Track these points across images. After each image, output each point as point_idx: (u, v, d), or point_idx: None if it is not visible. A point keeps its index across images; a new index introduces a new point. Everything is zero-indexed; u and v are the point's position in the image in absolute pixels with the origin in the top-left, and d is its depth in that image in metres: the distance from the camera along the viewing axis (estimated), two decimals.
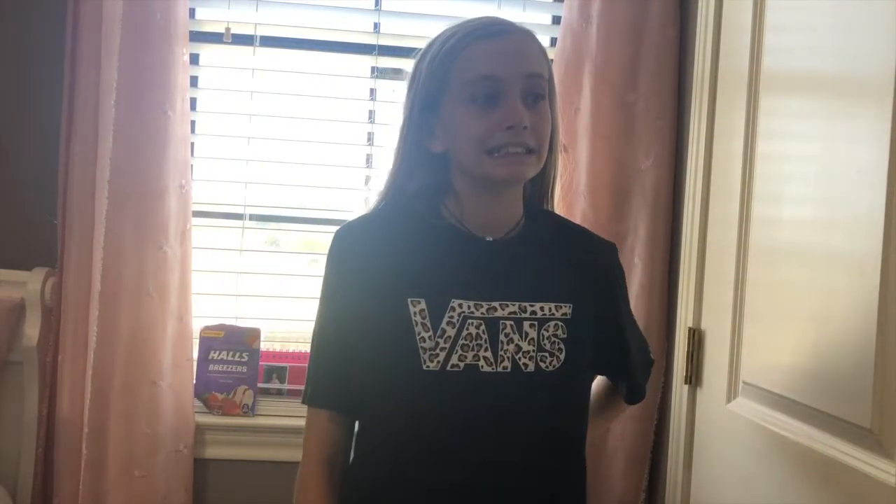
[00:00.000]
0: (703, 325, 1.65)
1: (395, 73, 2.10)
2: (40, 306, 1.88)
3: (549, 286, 1.16)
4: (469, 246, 1.15)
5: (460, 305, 1.11)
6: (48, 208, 1.89)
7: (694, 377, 1.66)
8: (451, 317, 1.10)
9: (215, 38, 2.00)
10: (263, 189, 2.13)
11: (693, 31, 1.79)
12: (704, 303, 1.65)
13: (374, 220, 1.19)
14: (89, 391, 1.84)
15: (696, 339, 1.66)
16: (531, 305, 1.13)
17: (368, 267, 1.14)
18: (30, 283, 1.87)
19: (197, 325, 1.98)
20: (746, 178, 1.49)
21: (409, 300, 1.10)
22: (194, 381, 1.96)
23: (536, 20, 2.13)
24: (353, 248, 1.16)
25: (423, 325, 1.10)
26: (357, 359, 1.13)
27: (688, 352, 1.67)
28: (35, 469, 1.87)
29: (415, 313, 1.10)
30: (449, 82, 1.11)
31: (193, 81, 2.02)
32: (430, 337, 1.09)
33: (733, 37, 1.59)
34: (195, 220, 1.97)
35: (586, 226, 1.91)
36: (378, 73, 2.08)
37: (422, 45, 2.13)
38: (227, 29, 1.97)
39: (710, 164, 1.66)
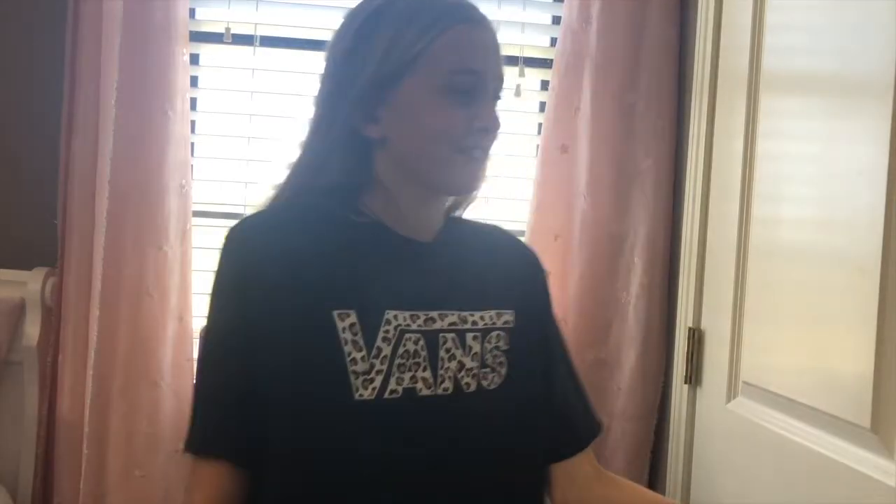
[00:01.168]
0: (703, 325, 1.65)
1: None
2: (40, 306, 1.88)
3: (489, 291, 1.02)
4: (400, 249, 1.00)
5: (395, 317, 0.93)
6: (48, 208, 1.89)
7: (694, 377, 1.66)
8: (387, 331, 0.92)
9: (215, 38, 1.99)
10: (263, 189, 2.13)
11: (693, 31, 1.79)
12: (704, 303, 1.66)
13: (282, 217, 0.99)
14: (89, 391, 1.84)
15: (696, 338, 1.66)
16: (472, 315, 0.98)
17: (279, 272, 0.93)
18: (30, 283, 1.87)
19: (197, 325, 1.98)
20: (746, 178, 1.49)
21: (335, 313, 0.91)
22: (194, 381, 1.95)
23: (536, 20, 2.13)
24: (257, 250, 0.94)
25: (355, 342, 0.90)
26: (263, 391, 0.90)
27: (688, 352, 1.67)
28: (35, 469, 1.87)
29: (343, 329, 0.90)
30: (419, 62, 0.95)
31: (193, 81, 2.02)
32: (363, 358, 0.90)
33: (733, 37, 1.59)
34: (195, 220, 1.97)
35: (587, 225, 1.93)
36: None
37: None
38: (227, 29, 1.97)
39: (710, 164, 1.66)
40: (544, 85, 2.07)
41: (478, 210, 2.07)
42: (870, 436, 1.09)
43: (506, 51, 2.10)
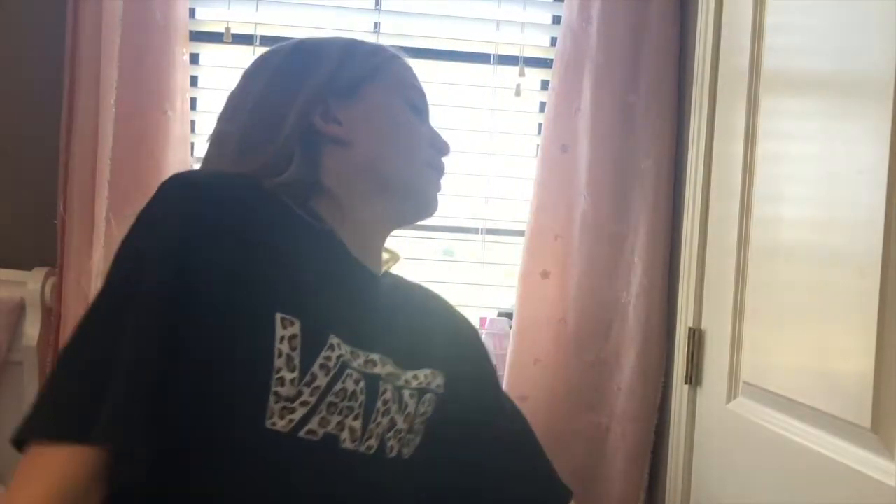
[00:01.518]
0: (704, 326, 1.65)
1: None
2: (40, 306, 1.88)
3: (424, 348, 0.92)
4: (353, 271, 0.89)
5: (339, 346, 0.79)
6: (48, 208, 1.89)
7: (694, 377, 1.66)
8: (328, 358, 0.78)
9: (215, 38, 2.00)
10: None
11: (693, 31, 1.79)
12: (705, 303, 1.66)
13: (237, 183, 0.82)
14: None
15: (697, 339, 1.66)
16: (409, 371, 0.88)
17: (233, 242, 0.76)
18: (30, 283, 1.88)
19: None
20: (746, 179, 1.49)
21: (278, 316, 0.75)
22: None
23: (536, 20, 2.13)
24: (213, 206, 0.77)
25: (289, 359, 0.74)
26: (175, 373, 0.71)
27: (688, 352, 1.67)
28: None
29: (282, 339, 0.75)
30: (380, 74, 0.96)
31: (193, 81, 2.02)
32: (292, 380, 0.75)
33: (733, 36, 1.59)
34: None
35: (587, 226, 1.93)
36: None
37: (422, 44, 2.13)
38: (227, 29, 1.97)
39: (710, 164, 1.66)
40: (544, 85, 2.08)
41: (478, 210, 2.07)
42: (870, 436, 1.09)
43: (506, 50, 2.12)
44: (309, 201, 0.89)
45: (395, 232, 1.08)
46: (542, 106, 2.04)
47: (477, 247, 2.13)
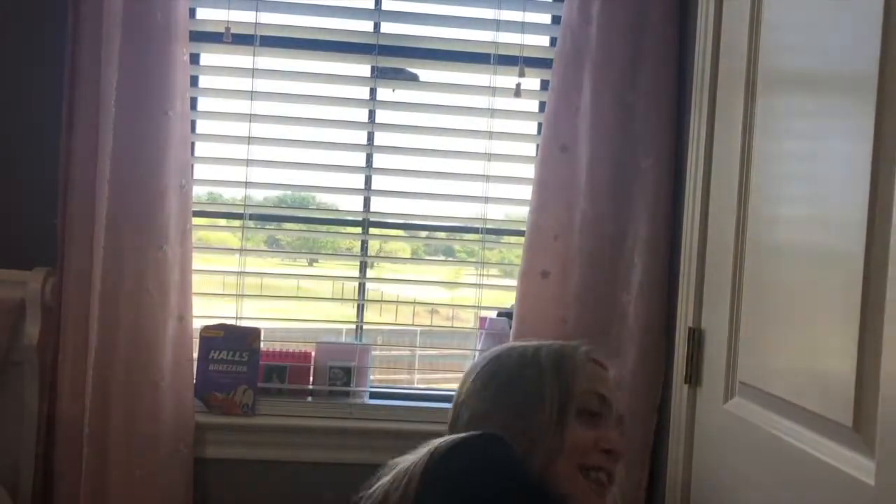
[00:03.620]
0: (704, 325, 1.65)
1: (396, 73, 2.10)
2: (40, 306, 1.88)
3: None
4: None
5: None
6: (48, 208, 1.89)
7: (694, 377, 1.66)
8: None
9: (215, 38, 2.00)
10: (263, 189, 2.14)
11: (693, 31, 1.79)
12: (704, 303, 1.66)
13: None
14: (89, 391, 1.84)
15: (697, 338, 1.66)
16: None
17: None
18: (30, 283, 1.88)
19: (197, 325, 1.98)
20: (743, 178, 1.49)
21: None
22: (194, 381, 1.96)
23: (536, 20, 2.13)
24: None
25: None
26: None
27: (688, 352, 1.67)
28: (35, 469, 1.87)
29: None
30: (572, 387, 1.13)
31: (193, 81, 2.02)
32: None
33: (733, 36, 1.59)
34: (195, 220, 1.97)
35: (587, 226, 1.93)
36: (378, 73, 2.08)
37: (421, 45, 2.13)
38: (227, 29, 1.97)
39: (711, 164, 1.66)
40: (544, 85, 2.08)
41: (478, 210, 2.07)
42: (852, 434, 1.09)
43: (506, 51, 2.12)
44: None
45: (394, 231, 1.10)
46: (542, 106, 2.04)
47: (477, 247, 2.13)
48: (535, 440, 1.08)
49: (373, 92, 2.09)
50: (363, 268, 2.13)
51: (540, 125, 2.04)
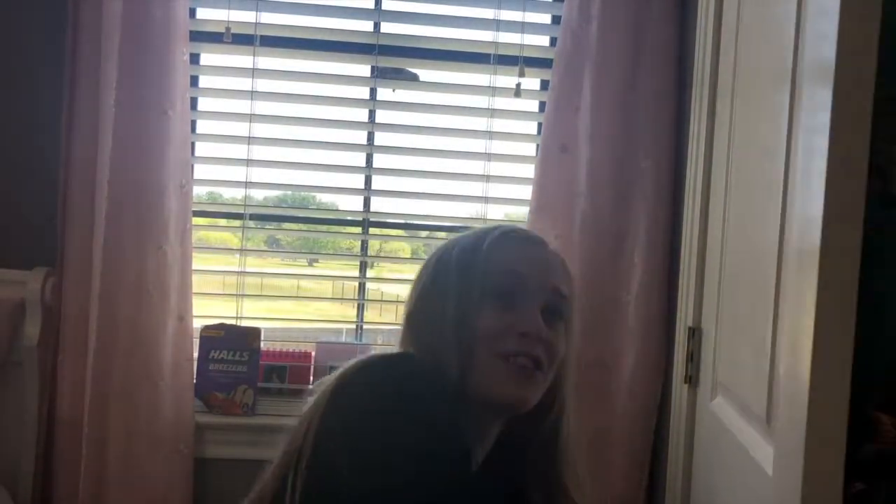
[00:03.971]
0: (703, 325, 1.65)
1: (396, 73, 2.10)
2: (40, 306, 1.88)
3: None
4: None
5: None
6: (48, 208, 1.89)
7: (693, 377, 1.66)
8: None
9: (215, 38, 2.00)
10: (263, 189, 2.14)
11: (693, 31, 1.79)
12: (704, 302, 1.66)
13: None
14: (89, 391, 1.84)
15: (696, 338, 1.66)
16: None
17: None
18: (30, 283, 1.87)
19: (197, 325, 1.98)
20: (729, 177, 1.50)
21: None
22: (194, 381, 1.96)
23: (536, 20, 2.13)
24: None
25: None
26: None
27: (687, 351, 1.67)
28: (35, 469, 1.87)
29: None
30: (473, 278, 1.03)
31: (193, 81, 2.02)
32: None
33: (733, 36, 1.59)
34: (195, 220, 1.97)
35: (587, 225, 1.93)
36: (378, 73, 2.08)
37: (422, 45, 2.13)
38: (228, 29, 1.97)
39: (711, 164, 1.66)
40: (544, 85, 2.08)
41: (478, 210, 2.06)
42: (766, 429, 1.12)
43: (506, 51, 2.11)
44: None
45: (394, 231, 1.10)
46: (542, 106, 2.04)
47: None
48: (445, 337, 1.01)
49: (373, 92, 2.09)
50: (363, 268, 2.13)
51: (540, 125, 2.04)
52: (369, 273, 2.16)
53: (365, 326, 2.16)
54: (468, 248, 1.07)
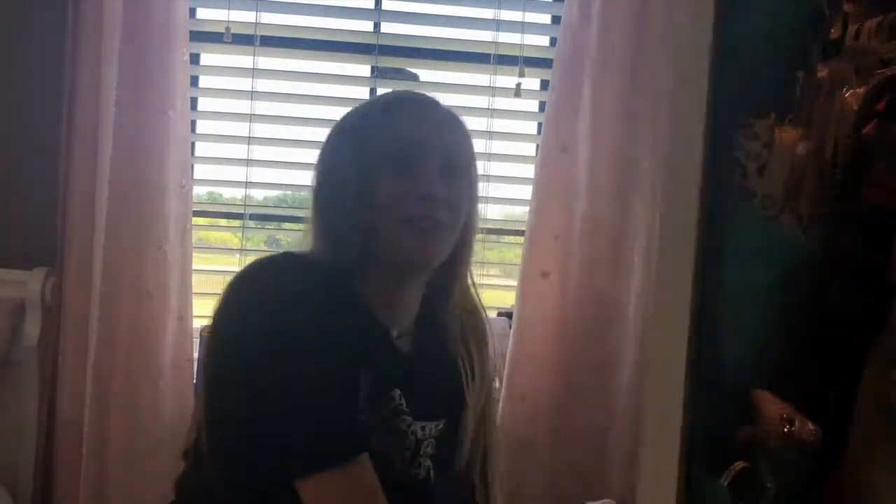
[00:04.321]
0: None
1: (396, 73, 2.10)
2: (40, 306, 1.88)
3: (439, 399, 1.11)
4: (382, 341, 1.06)
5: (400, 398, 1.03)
6: (48, 208, 1.89)
7: None
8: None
9: (215, 38, 2.00)
10: (263, 188, 2.14)
11: None
12: None
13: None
14: (89, 391, 1.84)
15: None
16: (427, 421, 1.08)
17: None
18: (30, 283, 1.87)
19: (197, 325, 1.98)
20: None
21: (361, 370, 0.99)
22: (194, 381, 1.95)
23: (536, 20, 2.13)
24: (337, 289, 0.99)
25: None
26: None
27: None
28: (35, 469, 1.87)
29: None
30: (369, 147, 1.05)
31: (193, 81, 2.02)
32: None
33: None
34: (195, 220, 1.97)
35: (587, 226, 1.92)
36: (378, 73, 2.08)
37: (422, 45, 2.13)
38: (228, 29, 1.97)
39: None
40: (544, 85, 2.08)
41: (478, 211, 2.05)
42: None
43: (506, 51, 2.11)
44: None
45: None
46: (542, 106, 2.04)
47: (477, 247, 2.12)
48: (346, 208, 1.02)
49: (373, 92, 2.09)
50: None
51: (540, 125, 2.04)
52: None
53: None
54: (362, 117, 1.09)
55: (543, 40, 2.13)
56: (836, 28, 0.96)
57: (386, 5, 2.10)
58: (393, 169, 1.03)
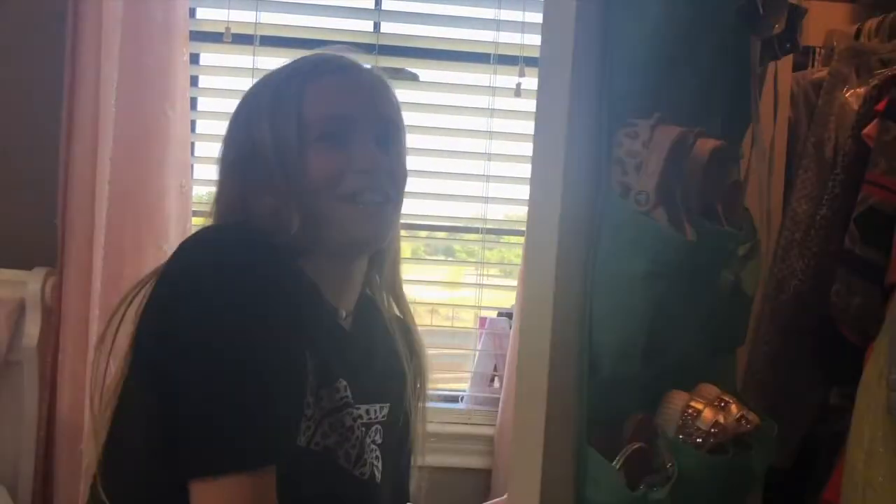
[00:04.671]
0: None
1: (396, 73, 2.10)
2: (40, 306, 1.88)
3: (383, 383, 1.06)
4: (333, 323, 1.00)
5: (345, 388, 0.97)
6: (48, 208, 1.89)
7: None
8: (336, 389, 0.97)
9: (215, 38, 2.00)
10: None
11: None
12: None
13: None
14: (89, 391, 1.83)
15: None
16: (371, 403, 1.03)
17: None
18: (30, 283, 1.87)
19: None
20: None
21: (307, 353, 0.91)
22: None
23: (537, 20, 2.13)
24: (286, 268, 0.90)
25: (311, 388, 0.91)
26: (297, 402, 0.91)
27: None
28: (35, 469, 1.87)
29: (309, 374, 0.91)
30: (292, 121, 0.97)
31: (193, 81, 2.02)
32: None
33: None
34: (195, 220, 1.97)
35: None
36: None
37: (421, 45, 2.12)
38: (227, 29, 1.97)
39: None
40: None
41: (479, 210, 2.06)
42: None
43: (506, 50, 2.11)
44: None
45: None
46: None
47: (477, 247, 2.12)
48: (279, 194, 0.94)
49: None
50: None
51: None
52: None
53: None
54: (279, 94, 1.00)
55: None
56: (780, 23, 0.97)
57: (386, 5, 2.10)
58: (325, 145, 0.96)
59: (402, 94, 1.14)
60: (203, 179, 2.09)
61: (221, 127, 2.18)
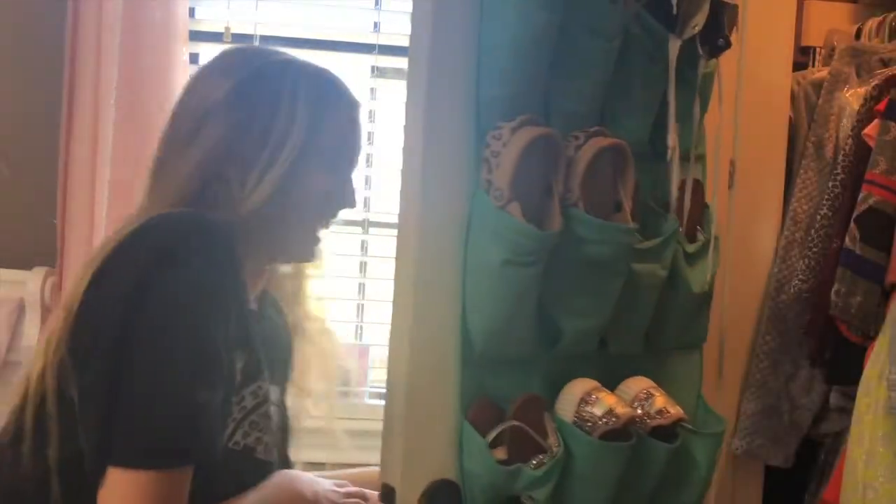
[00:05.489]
0: None
1: (396, 73, 2.10)
2: (40, 306, 1.88)
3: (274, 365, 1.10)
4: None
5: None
6: (48, 208, 1.89)
7: None
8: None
9: (215, 37, 1.99)
10: None
11: None
12: None
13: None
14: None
15: None
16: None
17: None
18: (30, 283, 1.87)
19: None
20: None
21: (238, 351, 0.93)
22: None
23: None
24: (235, 258, 0.90)
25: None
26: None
27: None
28: None
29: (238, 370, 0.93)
30: (312, 132, 1.00)
31: None
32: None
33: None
34: None
35: None
36: (378, 72, 2.08)
37: None
38: (227, 29, 1.97)
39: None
40: None
41: None
42: None
43: None
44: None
45: (395, 231, 1.12)
46: None
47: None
48: (265, 188, 0.95)
49: (373, 91, 2.09)
50: (363, 268, 2.13)
51: None
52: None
53: (365, 326, 2.15)
54: (323, 95, 1.04)
55: None
56: (698, 22, 1.02)
57: (386, 4, 2.10)
58: (325, 164, 1.00)
59: (403, 94, 1.18)
60: None
61: None
